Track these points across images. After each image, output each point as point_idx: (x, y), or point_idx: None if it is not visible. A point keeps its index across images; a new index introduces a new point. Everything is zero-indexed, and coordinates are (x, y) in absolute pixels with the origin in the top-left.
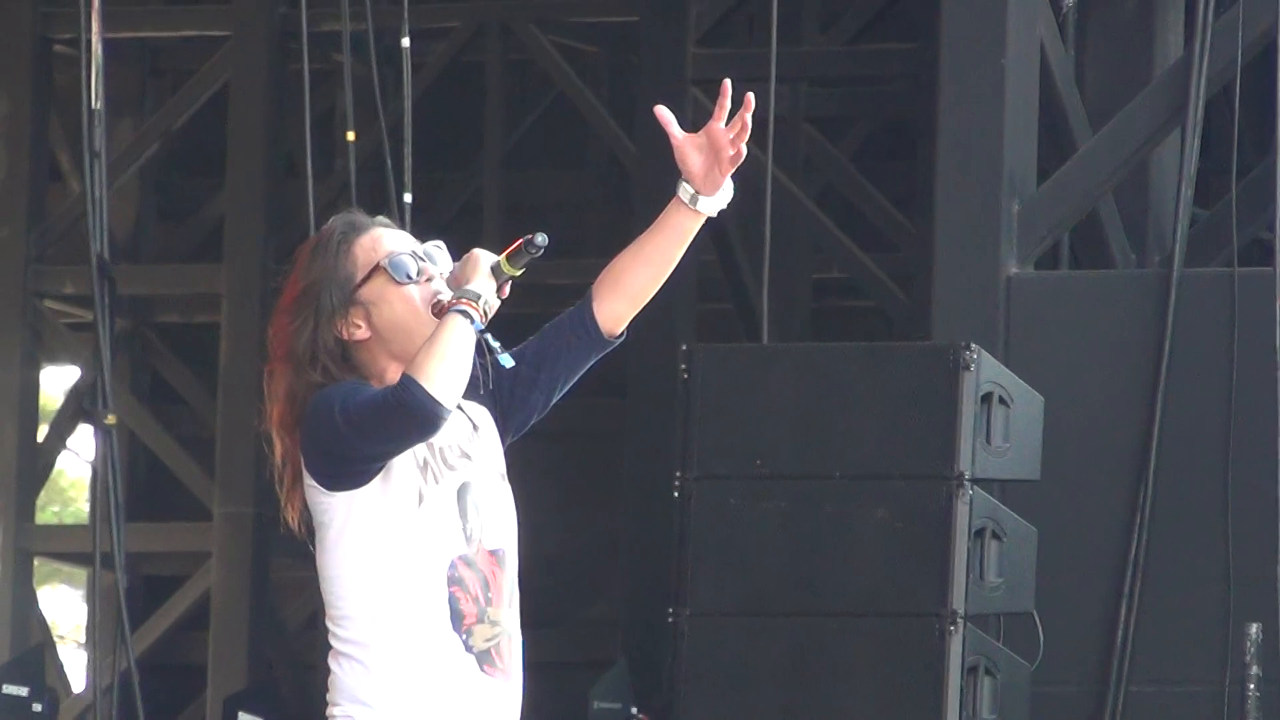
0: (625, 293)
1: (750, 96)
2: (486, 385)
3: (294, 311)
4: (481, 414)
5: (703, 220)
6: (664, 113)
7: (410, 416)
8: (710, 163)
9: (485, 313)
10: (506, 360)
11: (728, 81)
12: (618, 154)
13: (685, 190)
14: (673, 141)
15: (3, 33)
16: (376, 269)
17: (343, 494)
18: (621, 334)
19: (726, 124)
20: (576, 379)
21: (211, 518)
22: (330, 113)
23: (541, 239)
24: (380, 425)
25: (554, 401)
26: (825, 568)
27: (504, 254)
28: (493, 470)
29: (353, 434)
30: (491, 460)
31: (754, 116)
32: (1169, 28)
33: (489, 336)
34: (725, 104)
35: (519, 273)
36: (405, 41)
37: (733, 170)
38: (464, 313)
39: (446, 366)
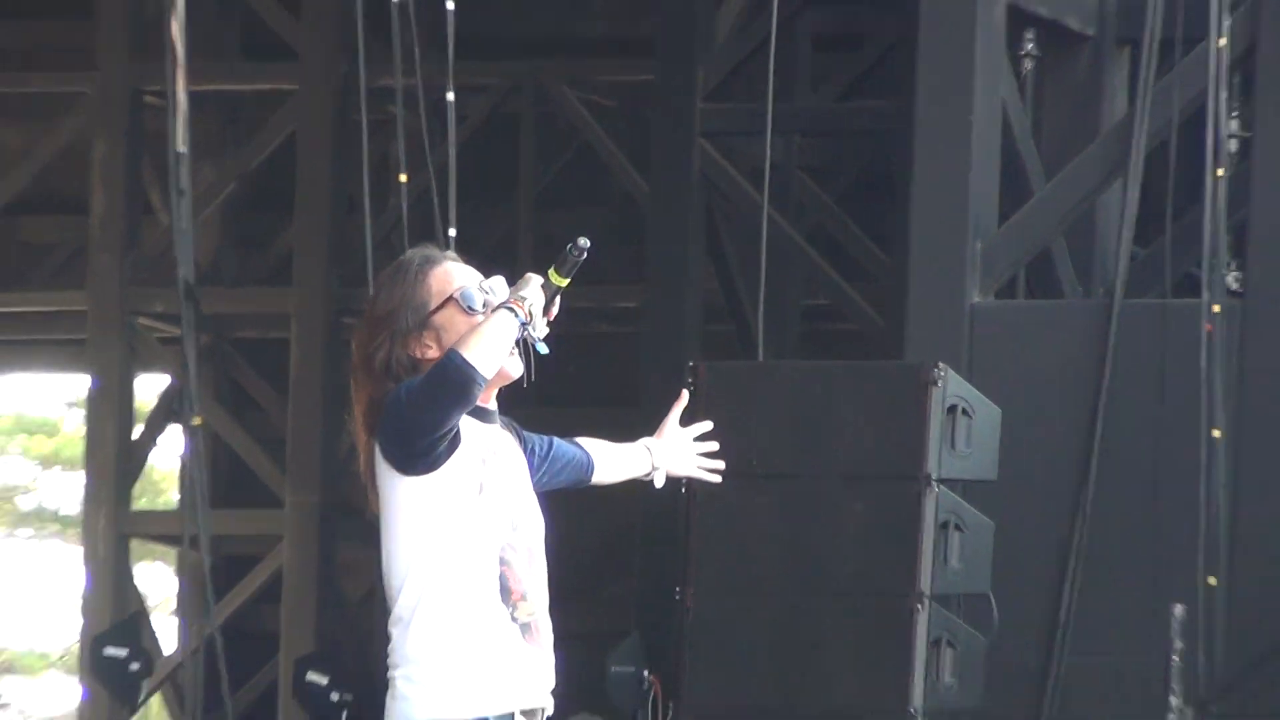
0: (598, 481)
1: (683, 396)
2: (529, 378)
3: (374, 330)
4: (518, 452)
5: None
6: (681, 401)
7: (450, 380)
8: (679, 465)
9: (530, 312)
10: (543, 348)
11: (684, 395)
12: (633, 193)
13: (653, 470)
14: (668, 424)
15: (101, 85)
16: (449, 300)
17: (413, 479)
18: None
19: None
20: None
21: (283, 506)
22: (385, 158)
23: (584, 241)
24: (429, 393)
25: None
26: (811, 555)
27: (552, 267)
28: (528, 483)
29: (412, 410)
30: (527, 477)
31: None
32: (1115, 89)
33: (530, 330)
34: (677, 413)
35: (566, 281)
36: (450, 96)
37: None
38: (509, 308)
39: (484, 343)
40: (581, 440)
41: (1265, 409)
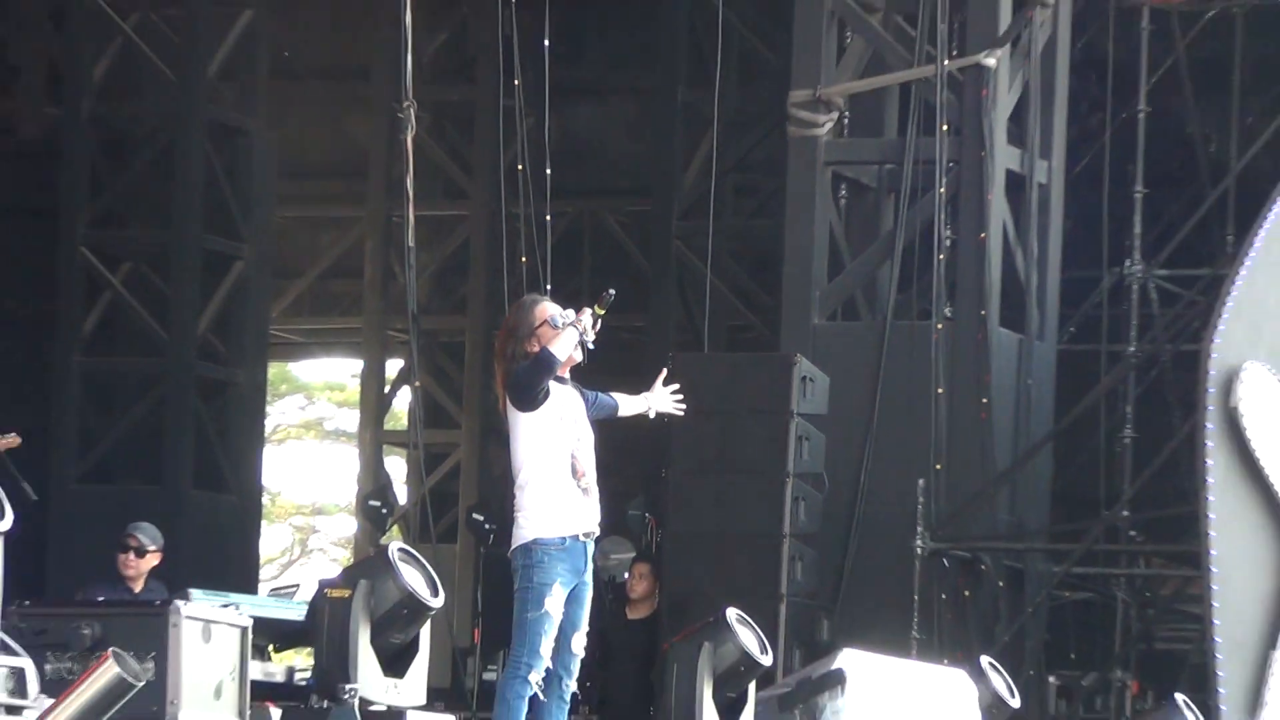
0: (620, 415)
1: (665, 372)
2: (585, 362)
3: (506, 337)
4: (579, 400)
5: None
6: (664, 374)
7: (542, 362)
8: (662, 406)
9: (585, 328)
10: (588, 343)
11: (665, 371)
12: (642, 267)
13: (650, 409)
14: (657, 388)
15: (371, 211)
16: (544, 321)
17: (525, 414)
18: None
19: (669, 389)
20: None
21: (460, 427)
22: (516, 250)
23: (612, 291)
24: (533, 369)
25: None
26: (734, 451)
27: (595, 304)
28: (585, 415)
29: (524, 378)
30: (584, 412)
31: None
32: (886, 213)
33: (584, 338)
34: (661, 382)
35: (603, 312)
36: (549, 218)
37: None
38: (573, 326)
39: (560, 345)
40: (612, 393)
41: (965, 380)
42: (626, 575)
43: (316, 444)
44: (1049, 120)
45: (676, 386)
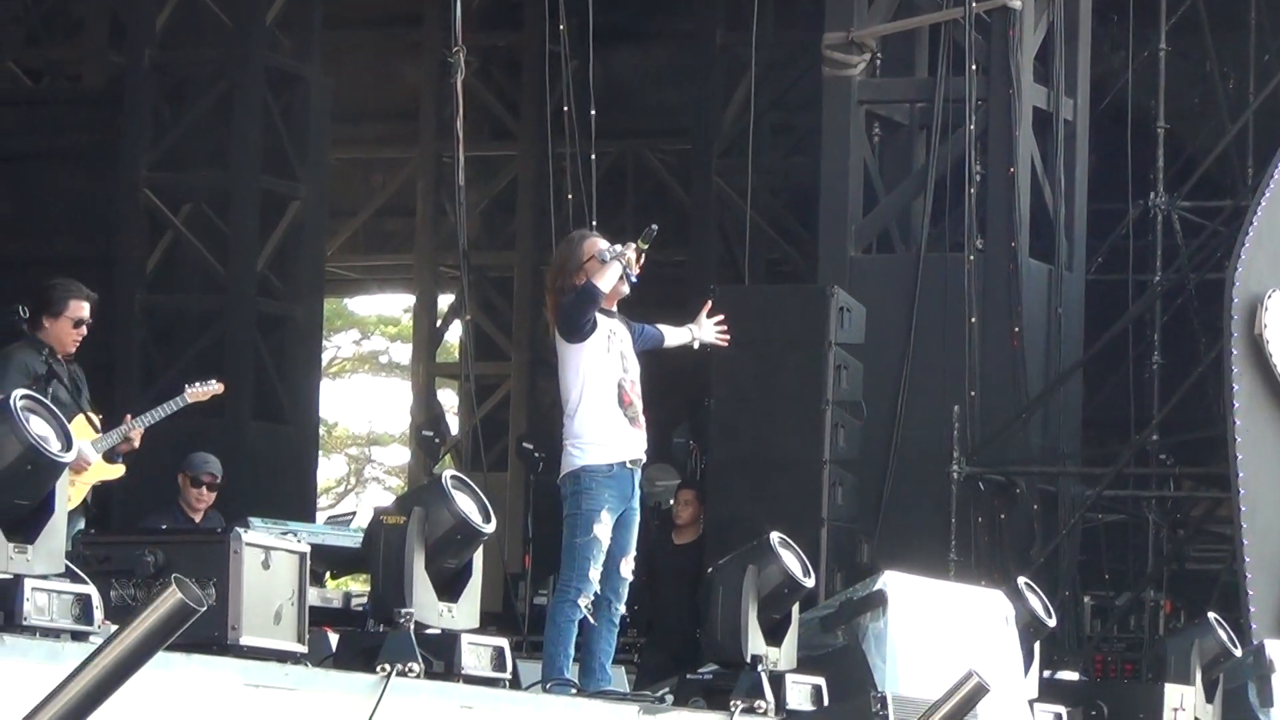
0: (666, 346)
1: (708, 305)
2: (630, 292)
3: (556, 270)
4: (626, 330)
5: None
6: (708, 306)
7: (588, 293)
8: (706, 337)
9: (629, 261)
10: (631, 276)
11: (708, 304)
12: (684, 204)
13: (694, 340)
14: (701, 320)
15: (421, 151)
16: (592, 256)
17: (574, 343)
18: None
19: (714, 323)
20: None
21: (510, 359)
22: (562, 189)
23: (654, 228)
24: (579, 300)
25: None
26: (773, 376)
27: (640, 239)
28: (631, 345)
29: (572, 309)
30: (631, 343)
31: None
32: (919, 150)
33: (628, 271)
34: (705, 314)
35: (646, 247)
36: (594, 157)
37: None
38: (618, 259)
39: (605, 277)
40: (659, 325)
41: (997, 310)
42: (672, 501)
43: (371, 376)
44: (1073, 59)
45: (721, 318)
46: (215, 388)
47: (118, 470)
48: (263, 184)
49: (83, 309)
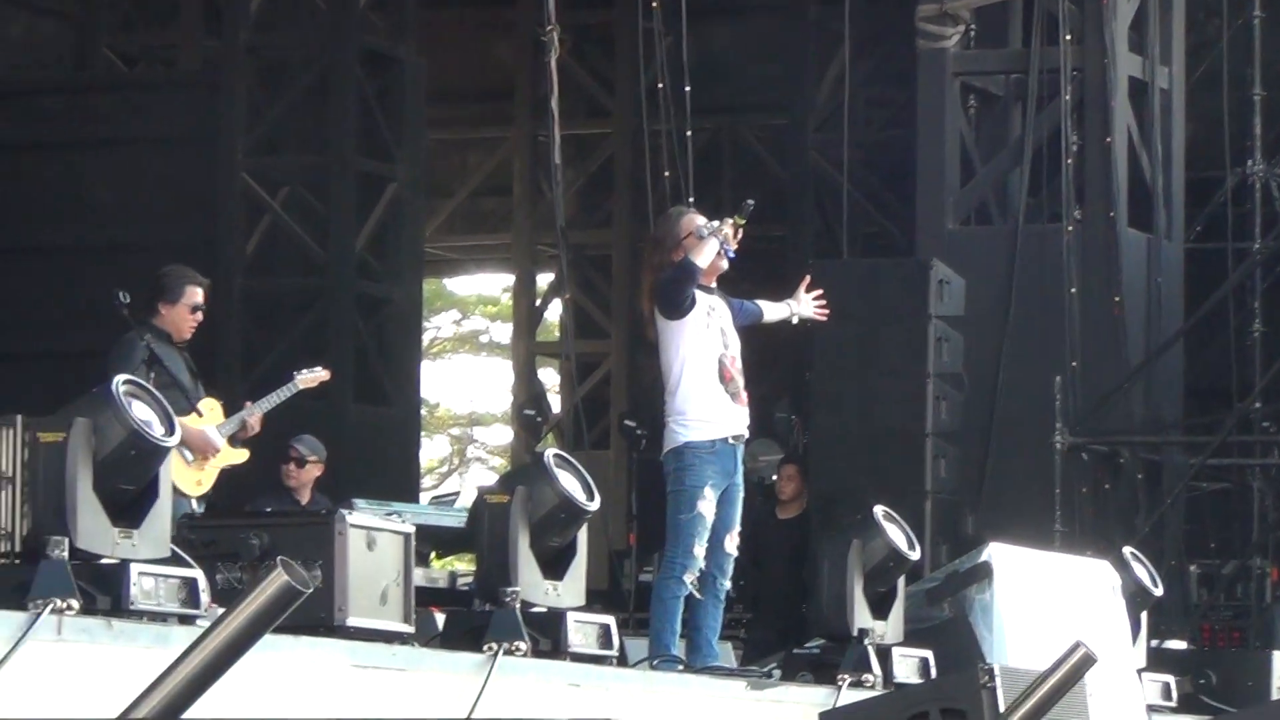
0: (765, 322)
1: (807, 279)
2: (725, 266)
3: (654, 247)
4: (726, 307)
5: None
6: (806, 281)
7: (686, 270)
8: (806, 312)
9: (726, 237)
10: (728, 251)
11: (807, 279)
12: (780, 179)
13: (793, 315)
14: (800, 295)
15: (516, 132)
16: (689, 234)
17: (674, 320)
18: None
19: (815, 301)
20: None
21: (610, 337)
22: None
23: (751, 201)
24: (677, 277)
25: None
26: (874, 349)
27: (737, 214)
28: (731, 321)
29: (671, 286)
30: (730, 319)
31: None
32: (1014, 122)
33: (726, 247)
34: (804, 289)
35: (744, 222)
36: (689, 133)
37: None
38: (716, 236)
39: (703, 253)
40: (757, 300)
41: (1096, 280)
42: (775, 476)
43: (472, 356)
44: (1168, 28)
45: (820, 292)
46: (323, 374)
47: (242, 455)
48: (360, 166)
49: (198, 295)
